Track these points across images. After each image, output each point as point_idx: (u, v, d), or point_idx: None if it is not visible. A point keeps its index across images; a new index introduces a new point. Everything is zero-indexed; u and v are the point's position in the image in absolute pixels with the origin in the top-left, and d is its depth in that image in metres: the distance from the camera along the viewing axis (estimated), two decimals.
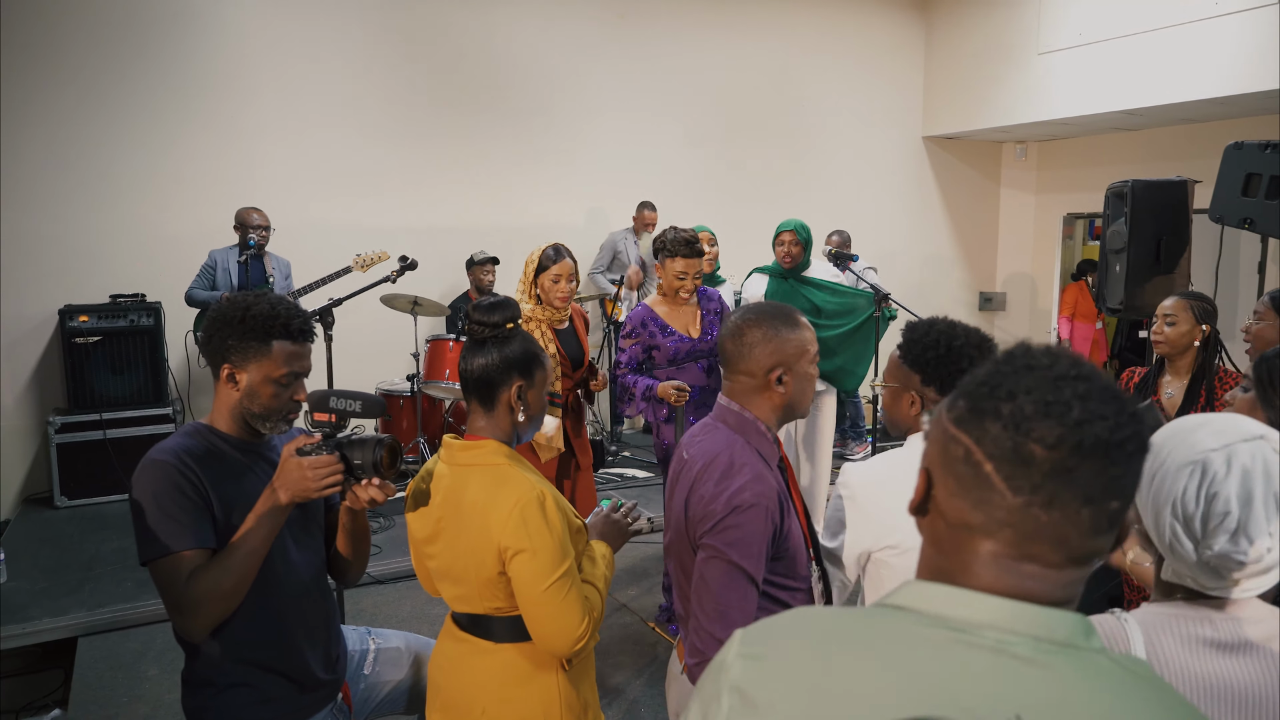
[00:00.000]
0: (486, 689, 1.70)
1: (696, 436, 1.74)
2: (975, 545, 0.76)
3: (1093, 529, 0.74)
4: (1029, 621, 0.72)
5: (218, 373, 1.74)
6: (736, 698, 0.74)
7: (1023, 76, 7.13)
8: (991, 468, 0.74)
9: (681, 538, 1.66)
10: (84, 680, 3.31)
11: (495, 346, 1.70)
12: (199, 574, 1.59)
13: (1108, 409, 0.74)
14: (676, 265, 3.38)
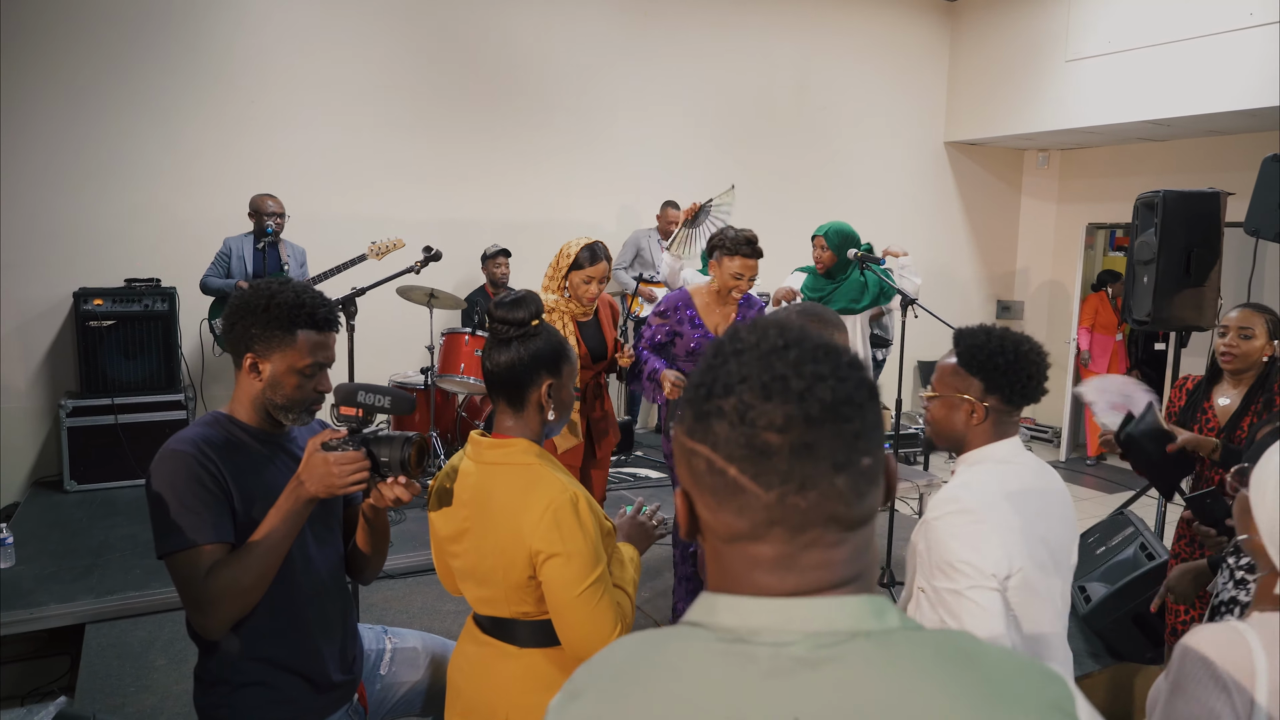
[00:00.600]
0: (509, 695, 1.65)
1: None
2: (755, 553, 0.72)
3: (855, 494, 0.71)
4: (804, 617, 0.69)
5: (240, 362, 1.69)
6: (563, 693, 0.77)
7: (1049, 83, 7.04)
8: (735, 470, 0.70)
9: None
10: (91, 668, 3.27)
11: (521, 345, 1.65)
12: (218, 569, 1.54)
13: (824, 368, 0.71)
14: (734, 264, 3.26)
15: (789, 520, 0.70)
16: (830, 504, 0.70)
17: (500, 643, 1.67)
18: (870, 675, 0.66)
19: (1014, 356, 1.59)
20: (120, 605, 3.61)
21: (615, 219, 6.71)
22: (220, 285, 4.96)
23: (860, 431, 0.71)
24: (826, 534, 0.71)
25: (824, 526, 0.71)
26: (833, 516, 0.71)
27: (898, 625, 0.70)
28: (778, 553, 0.71)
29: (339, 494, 1.58)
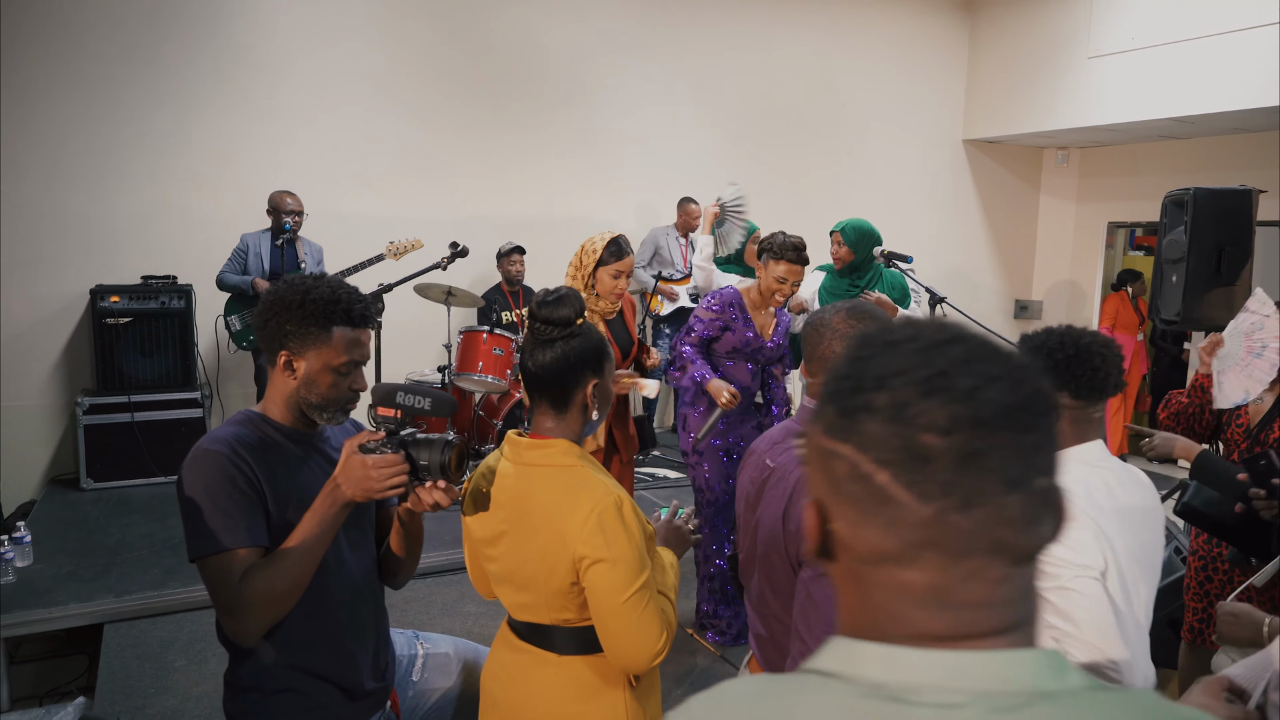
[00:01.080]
0: (548, 704, 1.59)
1: (780, 443, 1.63)
2: (903, 580, 0.61)
3: (1028, 519, 0.60)
4: (975, 674, 0.59)
5: (274, 360, 1.64)
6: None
7: (1071, 80, 6.96)
8: (886, 477, 0.60)
9: (776, 553, 1.55)
10: (110, 668, 3.23)
11: (565, 344, 1.59)
12: (252, 574, 1.50)
13: (996, 367, 0.61)
14: (780, 269, 3.25)
15: (948, 543, 0.60)
16: (998, 528, 0.59)
17: (538, 649, 1.62)
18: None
19: (1075, 350, 1.55)
20: (139, 605, 3.57)
21: (633, 217, 6.65)
22: (236, 282, 4.93)
23: (1039, 445, 0.60)
24: (991, 565, 0.60)
25: (989, 555, 0.60)
26: (1000, 544, 0.60)
27: (1081, 685, 0.60)
28: (931, 582, 0.61)
29: (376, 498, 1.53)
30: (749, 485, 1.68)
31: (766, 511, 1.57)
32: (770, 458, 1.62)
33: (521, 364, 1.63)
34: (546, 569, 1.53)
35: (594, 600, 1.51)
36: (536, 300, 1.62)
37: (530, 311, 1.62)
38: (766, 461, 1.62)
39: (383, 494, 1.52)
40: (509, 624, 1.70)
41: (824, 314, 1.63)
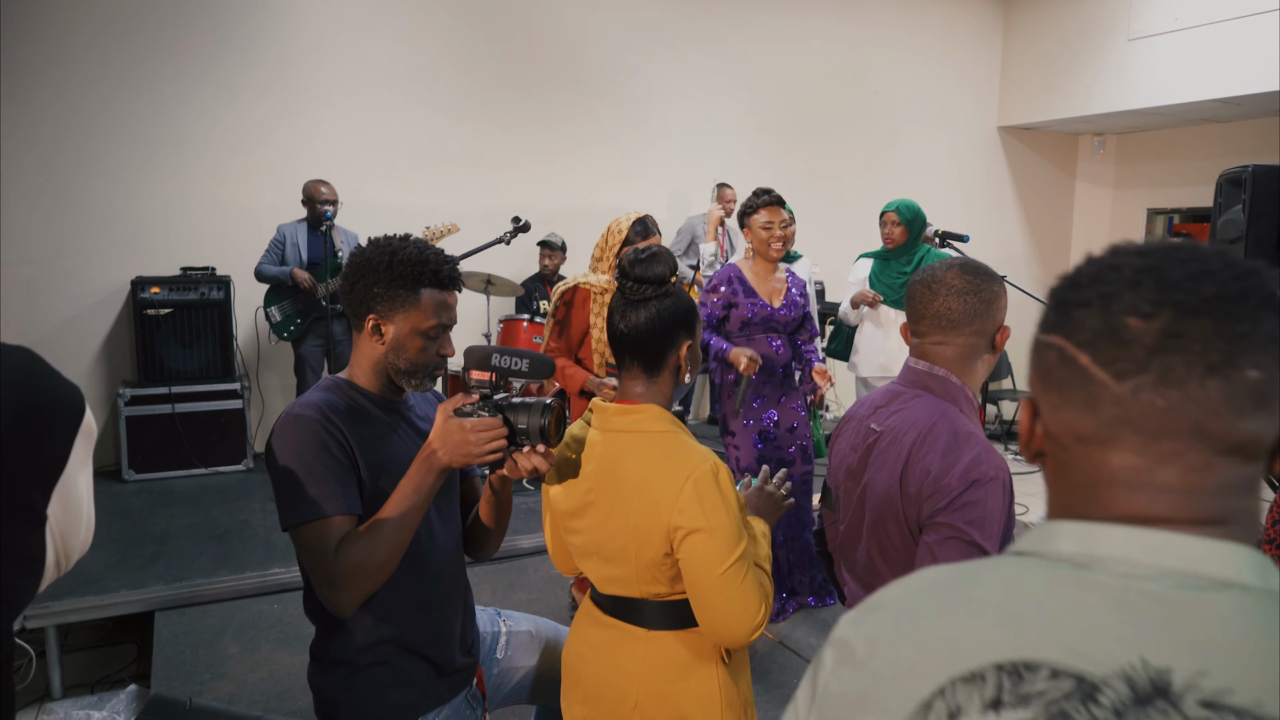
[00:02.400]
0: (639, 680, 1.52)
1: (886, 407, 1.57)
2: (1098, 462, 0.64)
3: (1230, 406, 0.60)
4: (1165, 551, 0.60)
5: (360, 324, 1.59)
6: (837, 650, 0.69)
7: (1111, 63, 6.84)
8: (1088, 358, 0.63)
9: (891, 518, 1.49)
10: (164, 656, 3.21)
11: (658, 304, 1.52)
12: (350, 544, 1.45)
13: (1214, 265, 0.62)
14: (761, 217, 3.29)
15: (1144, 423, 0.61)
16: (1196, 411, 0.60)
17: (626, 625, 1.55)
18: (1244, 630, 0.56)
19: None
20: (190, 592, 3.55)
21: (665, 205, 6.60)
22: (275, 273, 4.90)
23: (1249, 335, 0.60)
24: (1190, 450, 0.61)
25: (1188, 439, 0.61)
26: (1199, 429, 0.60)
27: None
28: (1127, 464, 0.62)
29: (475, 464, 1.48)
30: (849, 453, 1.62)
31: (878, 476, 1.51)
32: (875, 422, 1.56)
33: (610, 326, 1.56)
34: (639, 540, 1.47)
35: (690, 572, 1.44)
36: (627, 259, 1.54)
37: (621, 271, 1.54)
38: (871, 426, 1.56)
39: (481, 459, 1.46)
40: (593, 599, 1.64)
41: (935, 270, 1.56)
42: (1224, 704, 0.54)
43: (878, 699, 0.63)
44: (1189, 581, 0.59)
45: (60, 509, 1.01)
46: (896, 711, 0.62)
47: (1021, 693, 0.58)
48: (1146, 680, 0.55)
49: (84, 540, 1.10)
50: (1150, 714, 0.55)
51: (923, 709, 0.61)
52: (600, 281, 3.09)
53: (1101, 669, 0.57)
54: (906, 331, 1.63)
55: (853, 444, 1.61)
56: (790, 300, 3.39)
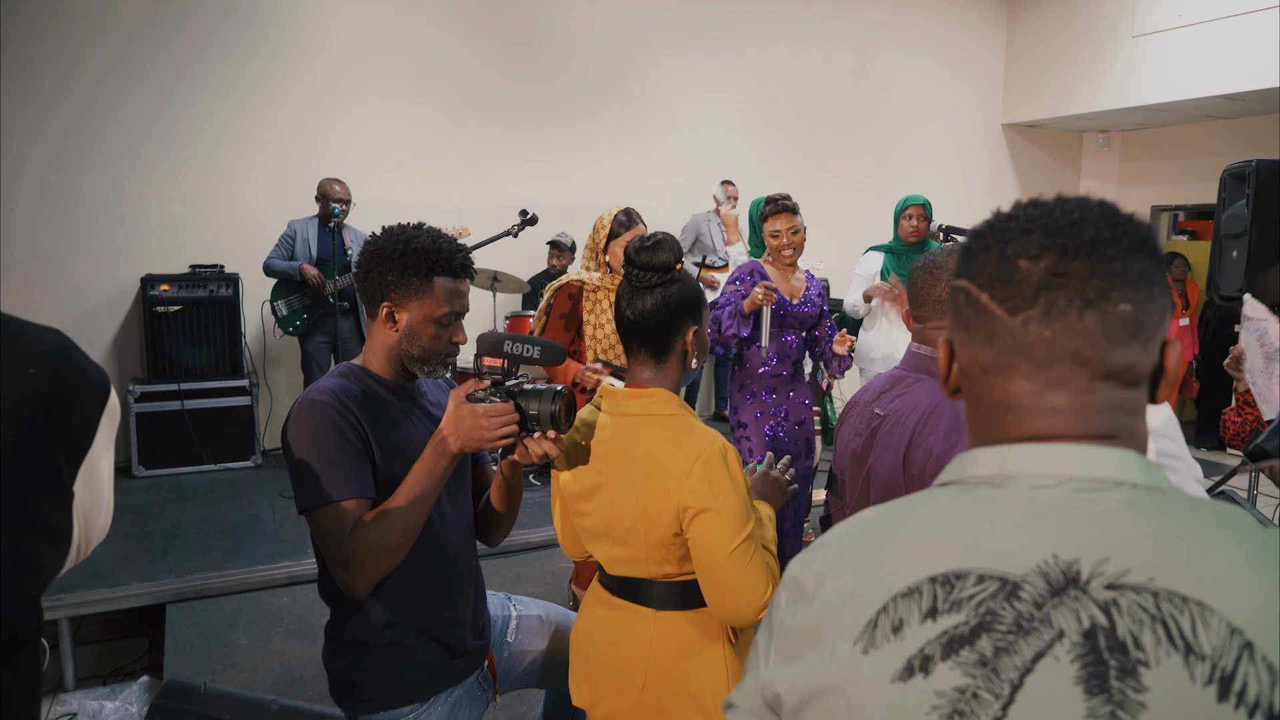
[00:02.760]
0: (647, 660, 1.55)
1: (889, 391, 1.59)
2: (1000, 390, 0.72)
3: (1105, 337, 0.68)
4: (1063, 461, 0.68)
5: (375, 311, 1.62)
6: (789, 589, 0.76)
7: (1115, 60, 6.85)
8: (987, 297, 0.71)
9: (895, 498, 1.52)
10: (176, 646, 3.24)
11: (664, 291, 1.55)
12: (364, 526, 1.48)
13: (1094, 213, 0.70)
14: (772, 225, 3.35)
15: (1033, 352, 0.69)
16: (1075, 340, 0.68)
17: (635, 605, 1.58)
18: (1135, 519, 0.64)
19: None
20: (200, 585, 3.59)
21: (670, 203, 6.62)
22: (284, 267, 4.94)
23: (1121, 274, 0.68)
24: (1074, 375, 0.69)
25: (1070, 365, 0.69)
26: (1078, 356, 0.68)
27: (1165, 486, 0.68)
28: (1023, 390, 0.71)
29: (486, 448, 1.50)
30: (854, 438, 1.64)
31: (882, 459, 1.54)
32: (879, 406, 1.59)
33: (618, 313, 1.59)
34: (648, 520, 1.50)
35: (699, 551, 1.47)
36: (633, 247, 1.57)
37: (627, 258, 1.57)
38: (875, 411, 1.59)
39: (492, 444, 1.49)
40: (601, 581, 1.67)
41: (937, 256, 1.59)
42: (1124, 584, 0.61)
43: (830, 625, 0.70)
44: (1086, 485, 0.67)
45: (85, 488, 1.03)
46: (847, 634, 0.68)
47: (954, 599, 0.65)
48: (1059, 573, 0.63)
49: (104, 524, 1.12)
50: (1064, 601, 0.62)
51: (869, 627, 0.67)
52: (593, 279, 3.10)
53: (1020, 569, 0.64)
54: (909, 317, 1.65)
55: (857, 429, 1.64)
56: (808, 298, 3.44)
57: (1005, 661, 0.62)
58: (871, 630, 0.67)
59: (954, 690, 0.63)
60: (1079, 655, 0.60)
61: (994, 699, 0.61)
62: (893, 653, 0.65)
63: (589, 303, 3.10)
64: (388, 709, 1.62)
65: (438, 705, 1.66)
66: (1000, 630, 0.62)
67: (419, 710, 1.64)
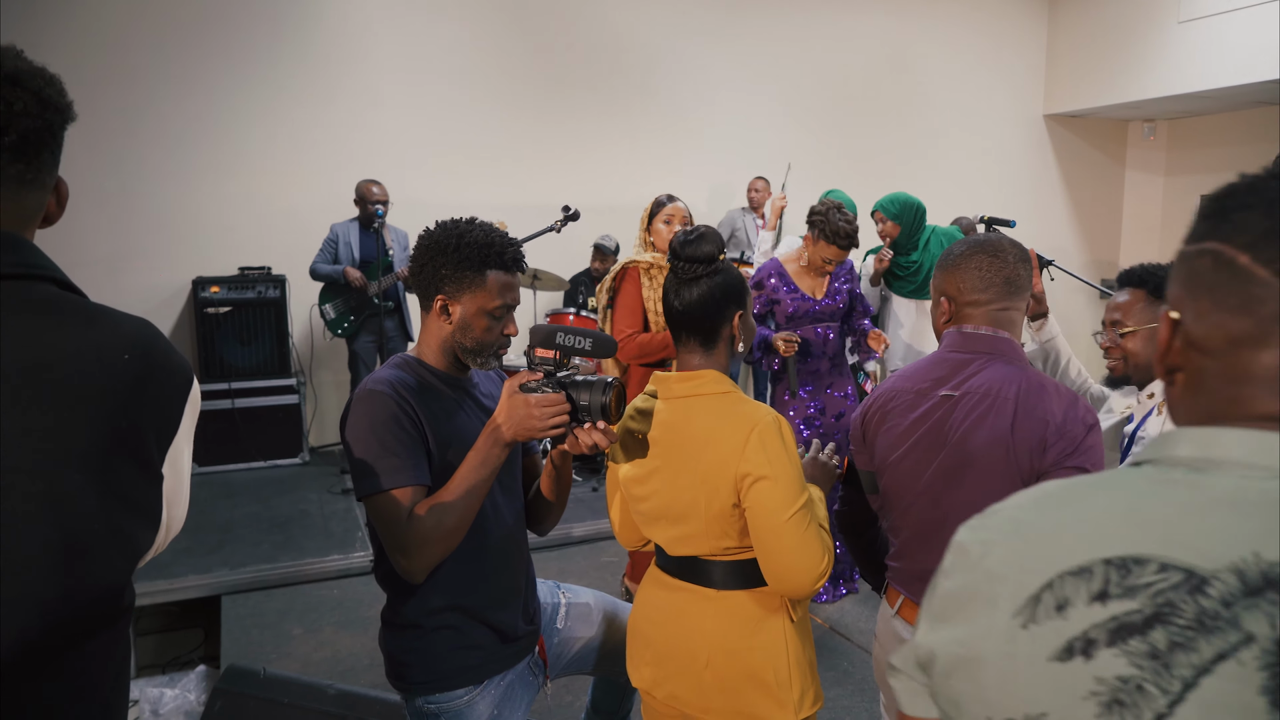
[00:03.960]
0: (710, 639, 1.58)
1: (954, 375, 1.60)
2: (1246, 363, 0.64)
3: None
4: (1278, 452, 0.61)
5: (429, 304, 1.67)
6: (954, 553, 0.72)
7: (1160, 47, 6.73)
8: (1248, 258, 0.63)
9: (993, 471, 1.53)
10: (232, 636, 3.34)
11: (709, 281, 1.60)
12: (420, 512, 1.52)
13: None
14: (828, 251, 3.27)
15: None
16: None
17: (695, 586, 1.61)
18: None
19: None
20: (254, 577, 3.69)
21: (705, 199, 6.63)
22: (328, 271, 5.04)
23: None
24: None
25: None
26: None
27: None
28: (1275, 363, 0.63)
29: (537, 437, 1.54)
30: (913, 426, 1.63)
31: (975, 434, 1.54)
32: (946, 389, 1.59)
33: (666, 305, 1.63)
34: (707, 493, 1.53)
35: (756, 519, 1.50)
36: (677, 240, 1.62)
37: (672, 252, 1.62)
38: (941, 393, 1.59)
39: (544, 434, 1.52)
40: (659, 565, 1.70)
41: (990, 240, 1.64)
42: None
43: (986, 594, 0.67)
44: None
45: (170, 474, 1.08)
46: (1006, 605, 0.65)
47: (1128, 584, 0.60)
48: (1258, 573, 0.57)
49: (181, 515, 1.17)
50: (1260, 604, 0.56)
51: (1031, 602, 0.63)
52: (644, 258, 3.22)
53: (1212, 563, 0.58)
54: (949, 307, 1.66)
55: (914, 418, 1.63)
56: (832, 291, 3.40)
57: (1180, 658, 0.57)
58: (1034, 605, 0.63)
59: (1116, 679, 0.59)
60: (1268, 664, 0.55)
61: (1161, 694, 0.57)
62: (1053, 631, 0.62)
63: (646, 279, 3.21)
64: (442, 690, 1.66)
65: (490, 689, 1.70)
66: (1178, 625, 0.58)
67: (472, 693, 1.68)
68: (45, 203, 1.06)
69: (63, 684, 0.94)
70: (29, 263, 0.99)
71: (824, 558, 1.50)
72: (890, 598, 1.74)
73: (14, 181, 1.00)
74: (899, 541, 1.71)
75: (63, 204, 1.10)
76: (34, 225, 1.06)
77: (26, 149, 1.00)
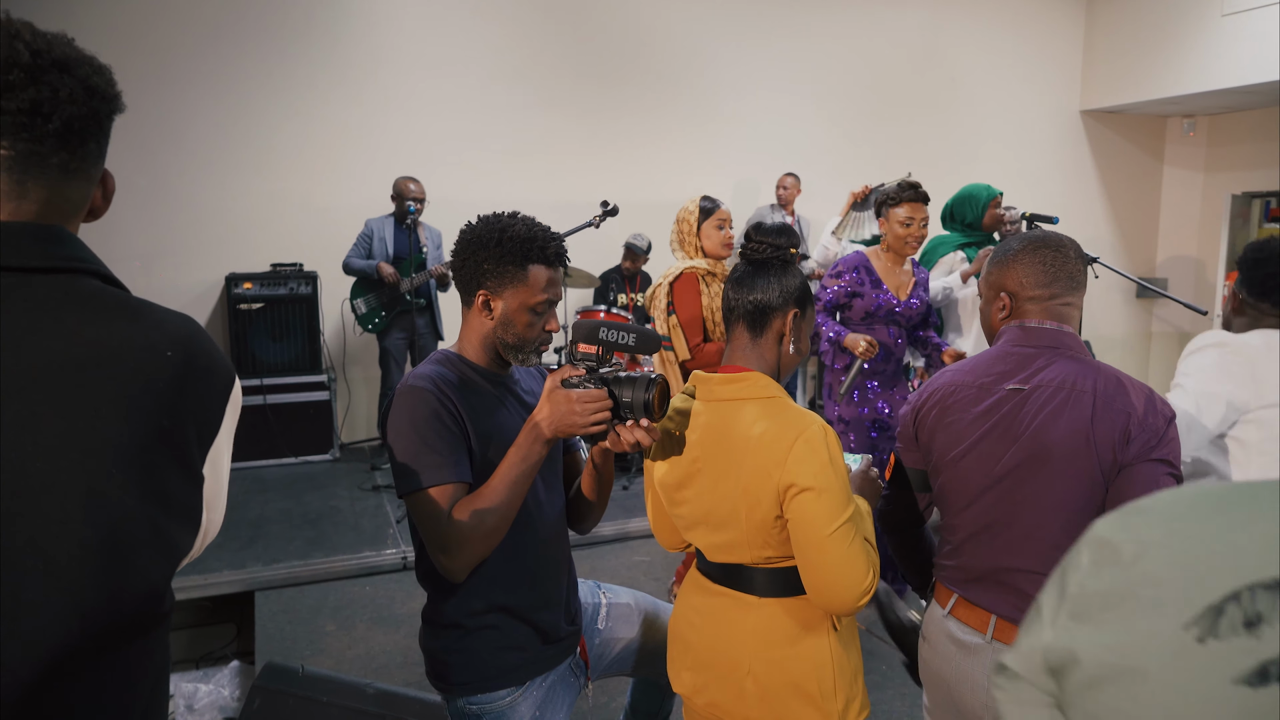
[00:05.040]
0: (751, 648, 1.53)
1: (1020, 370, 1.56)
2: None
3: None
4: None
5: (470, 300, 1.64)
6: (1098, 549, 0.65)
7: (1203, 40, 6.58)
8: None
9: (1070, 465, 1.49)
10: (266, 632, 3.35)
11: (777, 268, 1.56)
12: (462, 509, 1.49)
13: None
14: (901, 212, 3.20)
15: None
16: None
17: (736, 592, 1.56)
18: None
19: None
20: (287, 573, 3.69)
21: (731, 195, 6.57)
22: (362, 266, 5.04)
23: None
24: None
25: None
26: None
27: None
28: None
29: (579, 434, 1.51)
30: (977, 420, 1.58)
31: (1051, 428, 1.50)
32: (1012, 383, 1.55)
33: (725, 292, 1.59)
34: (750, 502, 1.47)
35: (799, 531, 1.44)
36: (754, 225, 1.61)
37: (746, 235, 1.60)
38: (1008, 387, 1.55)
39: (585, 430, 1.49)
40: (700, 569, 1.66)
41: (1049, 236, 1.60)
42: None
43: (1149, 598, 0.60)
44: None
45: (211, 475, 1.05)
46: (1174, 613, 0.58)
47: None
48: None
49: (219, 519, 1.14)
50: None
51: (1212, 613, 0.57)
52: (703, 265, 3.16)
53: None
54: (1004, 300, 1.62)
55: (978, 412, 1.58)
56: (916, 294, 3.33)
57: None
58: (1214, 617, 0.57)
59: None
60: None
61: None
62: (1242, 650, 0.55)
63: (704, 285, 3.15)
64: (484, 691, 1.63)
65: (533, 690, 1.67)
66: None
67: (514, 694, 1.66)
68: (90, 195, 1.03)
69: (102, 688, 0.91)
70: (72, 256, 0.96)
71: (869, 574, 1.44)
72: (940, 597, 1.68)
73: (58, 170, 0.97)
74: (955, 540, 1.66)
75: (109, 197, 1.06)
76: (79, 218, 1.02)
77: (71, 137, 0.97)
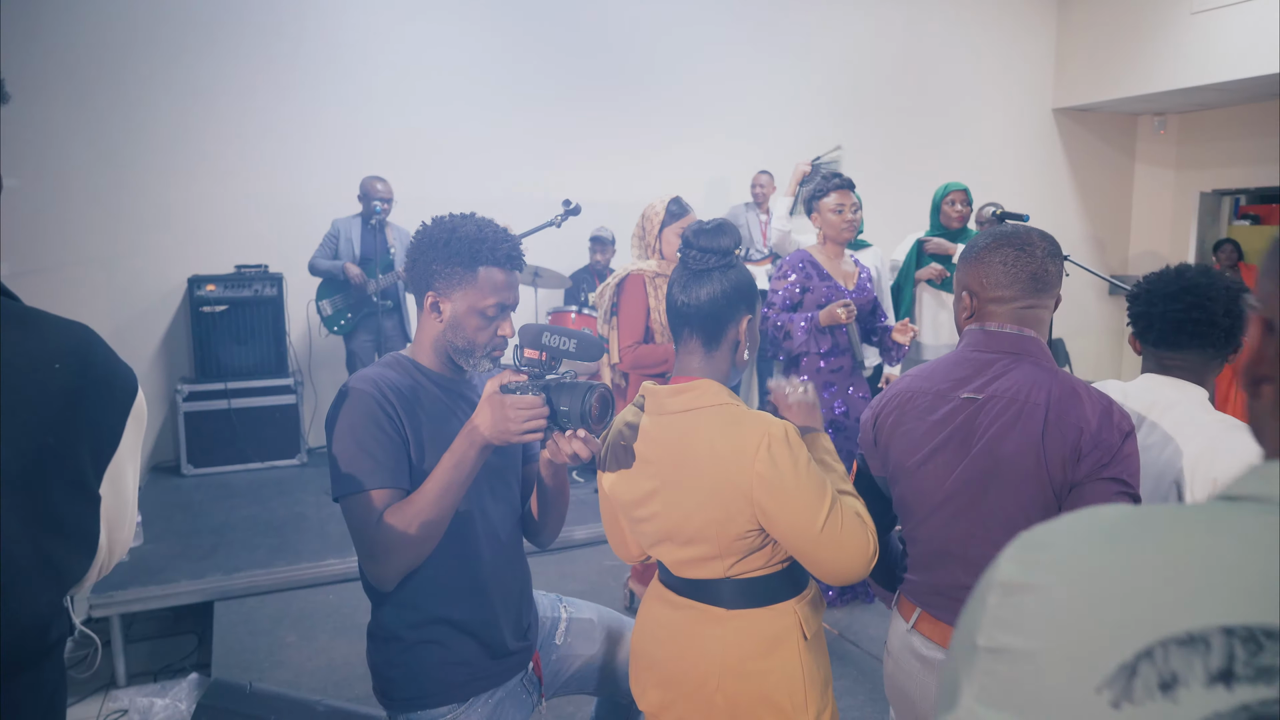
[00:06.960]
0: (720, 662, 1.48)
1: (976, 376, 1.50)
2: None
3: None
4: None
5: (421, 300, 1.58)
6: (1001, 593, 0.56)
7: (1173, 39, 6.61)
8: None
9: (1024, 479, 1.43)
10: (224, 644, 3.26)
11: (722, 276, 1.48)
12: (390, 516, 1.44)
13: None
14: (830, 200, 3.23)
15: None
16: None
17: (703, 605, 1.50)
18: None
19: None
20: (248, 582, 3.60)
21: (703, 195, 6.52)
22: (327, 267, 4.94)
23: None
24: None
25: None
26: None
27: None
28: None
29: (514, 441, 1.44)
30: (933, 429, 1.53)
31: (1004, 440, 1.44)
32: (968, 391, 1.49)
33: (670, 299, 1.52)
34: (721, 516, 1.42)
35: (790, 539, 1.40)
36: (691, 230, 1.51)
37: (685, 241, 1.51)
38: (964, 395, 1.49)
39: (520, 438, 1.43)
40: (664, 582, 1.60)
41: (1019, 233, 1.54)
42: None
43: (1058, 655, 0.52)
44: None
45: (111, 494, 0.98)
46: (1086, 674, 0.51)
47: (1261, 665, 0.47)
48: None
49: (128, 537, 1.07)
50: None
51: (1124, 672, 0.49)
52: (650, 267, 3.08)
53: None
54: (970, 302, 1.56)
55: (934, 421, 1.53)
56: (861, 284, 3.33)
57: None
58: (1128, 678, 0.49)
59: None
60: None
61: None
62: (1159, 717, 0.48)
63: (652, 288, 3.08)
64: (425, 708, 1.58)
65: (477, 706, 1.61)
66: None
67: (457, 711, 1.60)
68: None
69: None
70: None
71: (869, 542, 1.41)
72: (904, 610, 1.63)
73: None
74: (915, 553, 1.61)
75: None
76: None
77: None
